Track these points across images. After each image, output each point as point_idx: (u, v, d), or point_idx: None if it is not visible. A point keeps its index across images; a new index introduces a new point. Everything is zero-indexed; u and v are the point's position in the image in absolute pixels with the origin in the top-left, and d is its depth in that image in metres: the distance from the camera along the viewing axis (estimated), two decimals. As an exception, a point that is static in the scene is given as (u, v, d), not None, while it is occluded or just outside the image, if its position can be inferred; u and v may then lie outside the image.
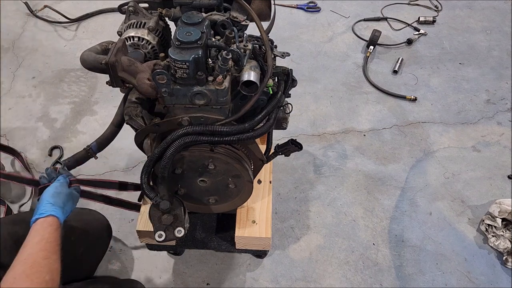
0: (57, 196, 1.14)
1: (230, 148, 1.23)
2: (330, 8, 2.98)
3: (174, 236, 1.18)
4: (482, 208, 1.89)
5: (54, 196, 1.14)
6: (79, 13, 2.87)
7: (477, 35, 2.79)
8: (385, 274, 1.69)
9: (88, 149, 1.33)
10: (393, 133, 2.21)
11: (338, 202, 1.92)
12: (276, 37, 1.58)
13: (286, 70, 1.25)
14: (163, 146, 1.14)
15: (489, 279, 1.68)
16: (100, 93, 2.40)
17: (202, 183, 1.33)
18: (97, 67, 1.11)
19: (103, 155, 2.00)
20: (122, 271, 1.71)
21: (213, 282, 1.67)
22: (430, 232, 1.82)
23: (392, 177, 2.01)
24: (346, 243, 1.78)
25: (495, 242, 1.73)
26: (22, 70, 2.53)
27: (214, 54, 1.14)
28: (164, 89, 1.07)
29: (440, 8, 2.98)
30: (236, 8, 1.23)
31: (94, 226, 1.49)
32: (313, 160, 2.08)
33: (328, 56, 2.64)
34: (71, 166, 1.34)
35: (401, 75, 2.52)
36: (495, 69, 2.56)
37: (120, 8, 1.30)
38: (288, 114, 1.35)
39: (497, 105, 2.35)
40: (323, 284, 1.67)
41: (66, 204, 1.15)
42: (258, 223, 1.47)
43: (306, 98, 2.37)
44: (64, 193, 1.17)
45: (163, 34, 1.25)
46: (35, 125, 2.23)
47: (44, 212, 1.07)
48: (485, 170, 2.04)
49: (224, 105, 1.13)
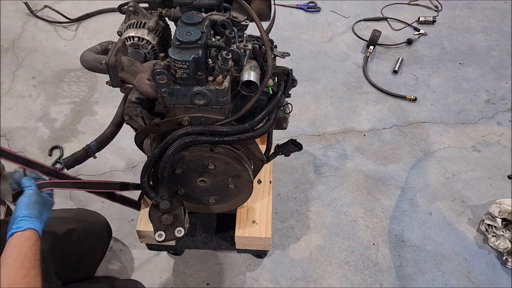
0: (32, 206, 1.07)
1: (230, 148, 1.23)
2: (330, 8, 2.98)
3: (174, 236, 1.18)
4: (482, 208, 1.89)
5: (29, 206, 1.06)
6: (79, 13, 2.87)
7: (477, 35, 2.79)
8: (385, 274, 1.69)
9: (87, 148, 1.33)
10: (393, 133, 2.21)
11: (338, 202, 1.92)
12: (276, 37, 1.58)
13: (286, 70, 1.25)
14: (163, 146, 1.14)
15: (489, 279, 1.68)
16: (100, 93, 2.40)
17: (202, 183, 1.33)
18: (97, 67, 1.11)
19: (103, 155, 2.00)
20: (122, 271, 1.71)
21: (213, 282, 1.67)
22: (430, 232, 1.82)
23: (392, 177, 2.01)
24: (346, 243, 1.78)
25: (495, 242, 1.73)
26: (22, 70, 2.53)
27: (214, 54, 1.14)
28: (164, 89, 1.07)
29: (440, 8, 2.98)
30: (236, 8, 1.23)
31: (94, 226, 1.49)
32: (313, 160, 2.08)
33: (328, 56, 2.64)
34: (70, 165, 1.34)
35: (401, 75, 2.52)
36: (495, 69, 2.56)
37: (120, 8, 1.30)
38: (288, 114, 1.35)
39: (497, 105, 2.35)
40: (323, 284, 1.67)
41: (42, 213, 1.09)
42: (258, 223, 1.47)
43: (306, 98, 2.37)
44: (39, 202, 1.10)
45: (163, 34, 1.24)
46: (35, 125, 2.23)
47: (21, 226, 1.01)
48: (485, 170, 2.04)
49: (224, 105, 1.13)
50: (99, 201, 1.90)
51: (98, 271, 1.60)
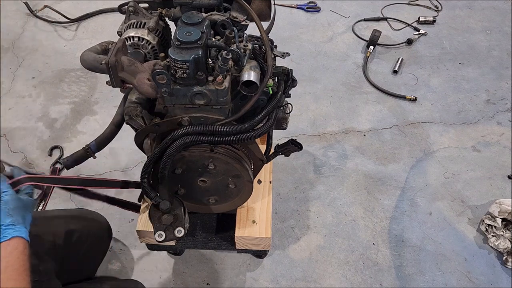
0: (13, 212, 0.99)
1: (230, 148, 1.23)
2: (330, 8, 2.98)
3: (174, 236, 1.18)
4: (482, 208, 1.89)
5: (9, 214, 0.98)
6: (79, 13, 2.87)
7: (477, 35, 2.79)
8: (385, 274, 1.69)
9: (87, 148, 1.32)
10: (393, 133, 2.21)
11: (338, 202, 1.92)
12: (276, 37, 1.58)
13: (286, 70, 1.25)
14: (163, 146, 1.14)
15: (489, 279, 1.68)
16: (100, 93, 2.40)
17: (202, 183, 1.33)
18: (97, 67, 1.11)
19: (102, 155, 2.00)
20: (122, 271, 1.71)
21: (213, 282, 1.67)
22: (430, 232, 1.82)
23: (392, 177, 2.01)
24: (346, 243, 1.78)
25: (495, 242, 1.73)
26: (22, 70, 2.53)
27: (214, 54, 1.14)
28: (164, 89, 1.07)
29: (440, 8, 2.98)
30: (236, 8, 1.23)
31: (94, 227, 1.49)
32: (313, 160, 2.08)
33: (328, 56, 2.64)
34: (70, 165, 1.33)
35: (401, 75, 2.52)
36: (495, 69, 2.56)
37: (120, 8, 1.30)
38: (288, 114, 1.35)
39: (497, 105, 2.35)
40: (323, 284, 1.67)
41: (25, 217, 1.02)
42: (258, 223, 1.47)
43: (306, 98, 2.37)
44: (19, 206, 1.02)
45: (163, 34, 1.24)
46: (35, 125, 2.23)
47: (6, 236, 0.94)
48: (485, 170, 2.04)
49: (224, 105, 1.13)
50: (99, 201, 1.90)
51: (98, 271, 1.59)
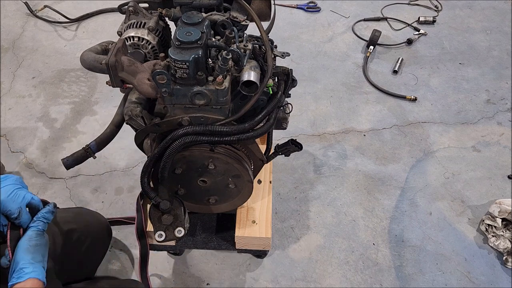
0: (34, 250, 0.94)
1: (230, 148, 1.23)
2: (330, 8, 2.98)
3: (174, 236, 1.18)
4: (482, 208, 1.89)
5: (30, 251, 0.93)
6: (79, 13, 2.87)
7: (477, 35, 2.79)
8: (385, 274, 1.69)
9: (87, 148, 1.32)
10: (393, 133, 2.21)
11: (338, 202, 1.92)
12: (276, 37, 1.58)
13: (286, 70, 1.25)
14: (163, 146, 1.14)
15: (489, 279, 1.68)
16: (100, 93, 2.40)
17: (202, 183, 1.33)
18: (97, 67, 1.11)
19: (103, 155, 2.00)
20: (122, 271, 1.71)
21: (213, 282, 1.67)
22: (430, 232, 1.82)
23: (392, 177, 2.01)
24: (346, 243, 1.78)
25: (495, 242, 1.73)
26: (22, 70, 2.53)
27: (214, 54, 1.14)
28: (164, 89, 1.07)
29: (440, 8, 2.98)
30: (236, 8, 1.23)
31: (95, 226, 1.49)
32: (313, 160, 2.08)
33: (328, 56, 2.64)
34: (69, 165, 1.33)
35: (401, 75, 2.52)
36: (495, 69, 2.56)
37: (120, 8, 1.30)
38: (288, 114, 1.35)
39: (497, 105, 2.35)
40: (323, 284, 1.67)
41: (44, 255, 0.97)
42: (258, 223, 1.47)
43: (306, 98, 2.37)
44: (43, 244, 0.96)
45: (163, 34, 1.25)
46: (35, 125, 2.23)
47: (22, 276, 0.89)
48: (485, 170, 2.04)
49: (224, 105, 1.13)
50: (99, 201, 1.90)
51: (98, 271, 1.60)
